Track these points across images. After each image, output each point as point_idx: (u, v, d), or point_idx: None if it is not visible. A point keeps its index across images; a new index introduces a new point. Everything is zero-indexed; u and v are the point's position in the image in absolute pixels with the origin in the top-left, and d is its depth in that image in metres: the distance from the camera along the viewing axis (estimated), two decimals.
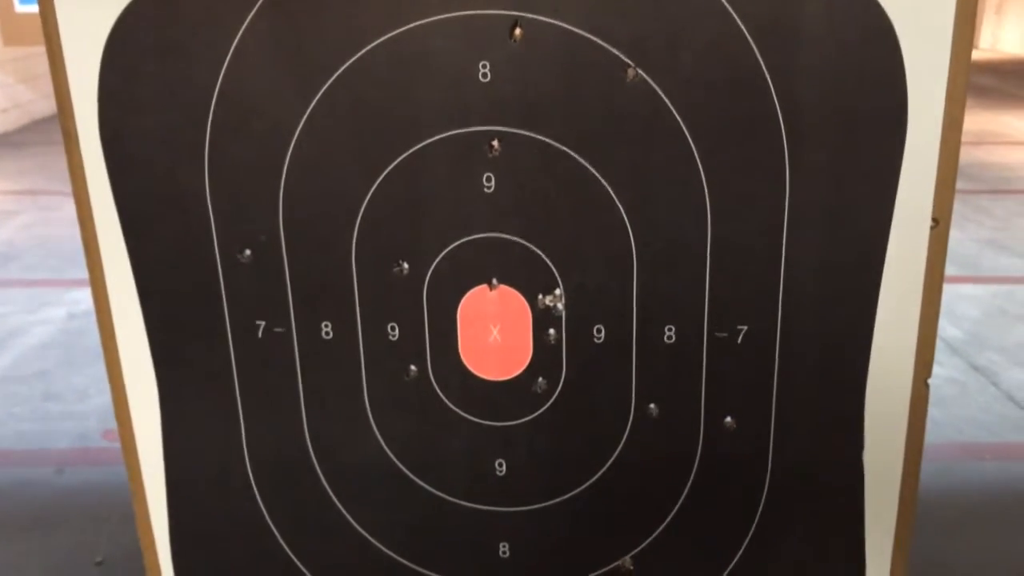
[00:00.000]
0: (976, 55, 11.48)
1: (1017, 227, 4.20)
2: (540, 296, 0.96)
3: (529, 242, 0.94)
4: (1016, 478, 2.14)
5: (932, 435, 2.36)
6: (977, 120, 6.91)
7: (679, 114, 0.88)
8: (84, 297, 3.07)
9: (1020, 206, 4.55)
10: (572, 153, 0.91)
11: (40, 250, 3.86)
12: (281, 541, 1.08)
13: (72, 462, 2.20)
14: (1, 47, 6.07)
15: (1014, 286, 3.44)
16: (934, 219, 0.89)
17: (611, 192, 0.91)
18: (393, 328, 0.99)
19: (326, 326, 0.99)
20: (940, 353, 2.78)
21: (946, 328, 3.03)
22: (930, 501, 2.00)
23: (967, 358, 2.83)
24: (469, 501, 1.05)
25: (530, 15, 0.87)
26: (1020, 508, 1.99)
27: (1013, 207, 4.53)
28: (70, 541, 1.82)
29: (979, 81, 9.14)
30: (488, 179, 0.92)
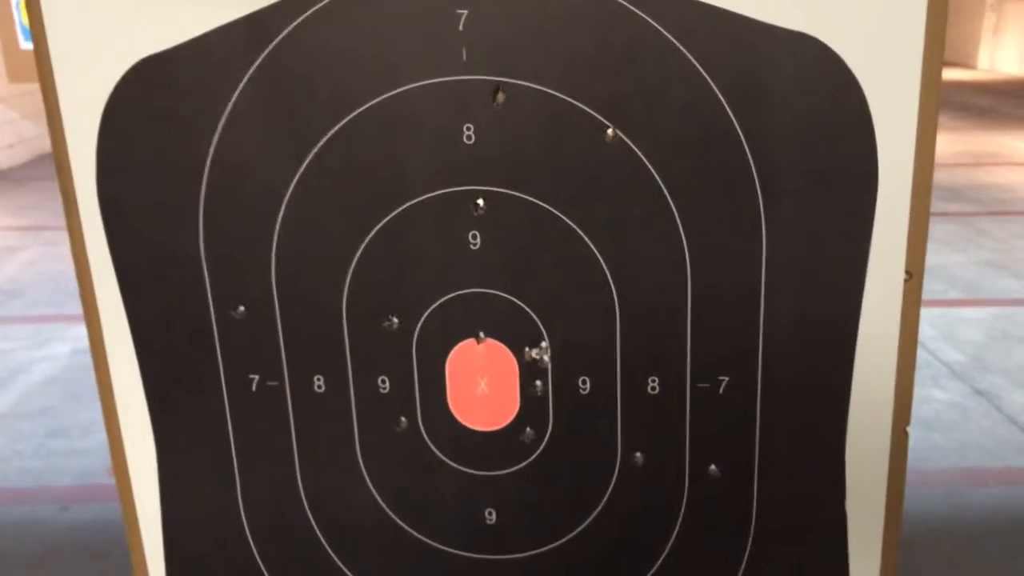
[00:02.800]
0: (973, 76, 11.53)
1: (1017, 249, 4.19)
2: (526, 349, 0.99)
3: (515, 297, 0.97)
4: (1020, 503, 2.13)
5: (935, 461, 2.36)
6: (975, 141, 6.92)
7: (657, 172, 0.91)
8: None
9: (1020, 227, 4.54)
10: (555, 211, 0.93)
11: (45, 286, 3.89)
12: None
13: (76, 499, 2.20)
14: (6, 83, 6.14)
15: (1016, 308, 3.43)
16: (907, 272, 0.92)
17: (593, 248, 0.94)
18: (383, 381, 1.01)
19: (318, 379, 1.01)
20: (942, 377, 2.78)
21: (948, 352, 3.02)
22: (934, 527, 2.00)
23: (969, 382, 2.81)
24: (460, 550, 1.06)
25: (512, 80, 0.90)
26: None
27: (1013, 228, 4.52)
28: None
29: (977, 102, 9.16)
30: (474, 236, 0.95)
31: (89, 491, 2.24)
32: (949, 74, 11.51)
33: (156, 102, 0.93)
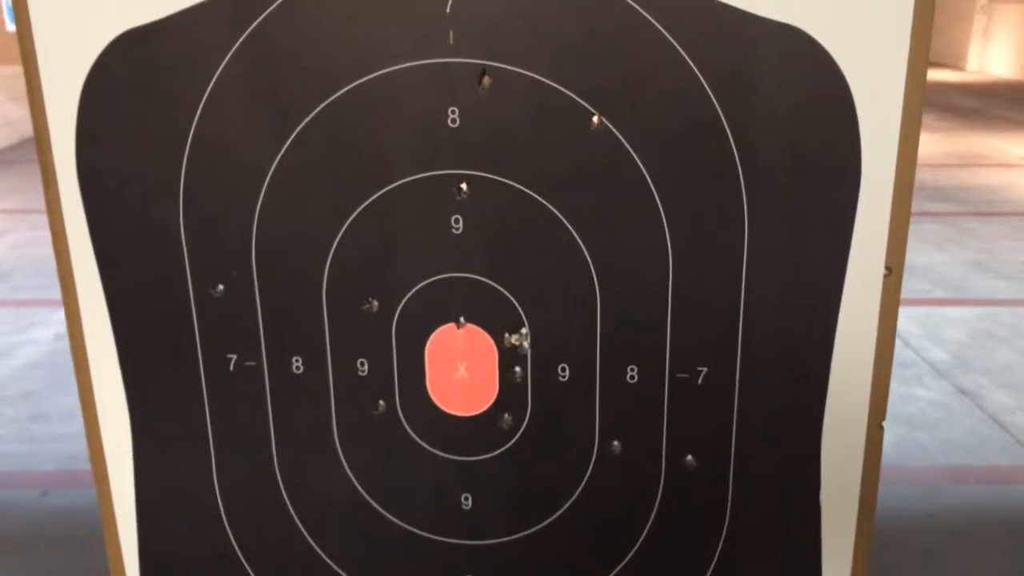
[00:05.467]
0: (963, 77, 11.59)
1: (1001, 249, 4.22)
2: (506, 335, 0.98)
3: (496, 282, 0.97)
4: (1001, 501, 2.15)
5: (917, 458, 2.39)
6: (963, 142, 6.96)
7: (641, 161, 0.91)
8: None
9: (1005, 228, 4.58)
10: (538, 197, 0.93)
11: (29, 269, 3.85)
12: (250, 571, 1.09)
13: (58, 484, 2.19)
14: None
15: (999, 308, 3.46)
16: (887, 268, 0.92)
17: (575, 235, 0.94)
18: (362, 364, 1.01)
19: (296, 360, 1.01)
20: (926, 376, 2.80)
21: (932, 351, 3.05)
22: (915, 524, 2.02)
23: (953, 381, 2.84)
24: (435, 534, 1.06)
25: (497, 64, 0.89)
26: (1005, 531, 1.99)
27: (998, 229, 4.56)
28: (55, 564, 1.81)
29: (965, 103, 9.20)
30: (456, 221, 0.95)
31: (71, 476, 2.22)
32: (938, 75, 11.56)
33: (138, 76, 0.92)
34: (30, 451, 2.35)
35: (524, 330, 0.98)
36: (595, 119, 0.90)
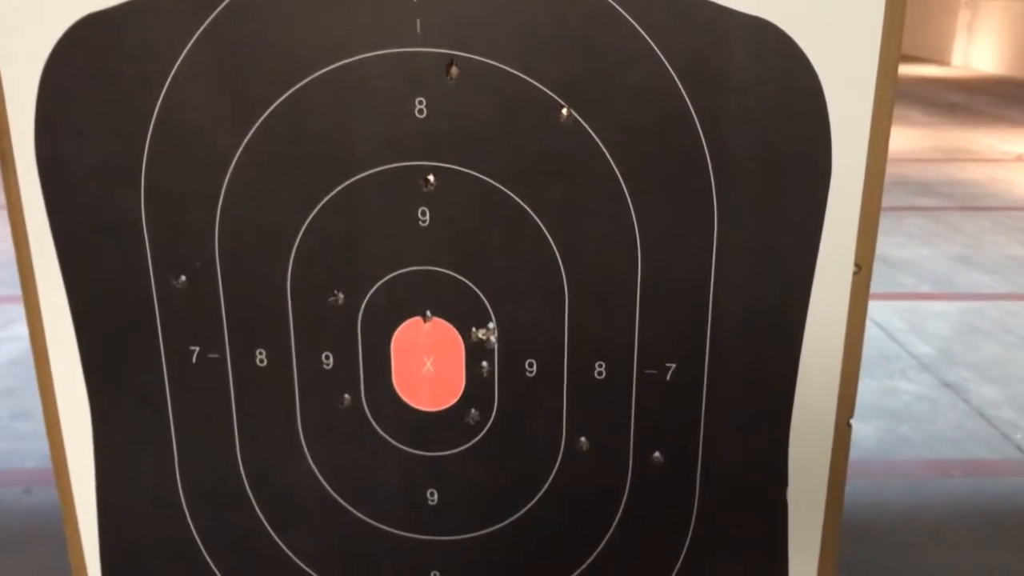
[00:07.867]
0: (947, 72, 11.65)
1: (987, 244, 4.25)
2: (473, 329, 0.97)
3: (463, 276, 0.95)
4: (984, 494, 2.16)
5: (901, 452, 2.39)
6: (947, 137, 6.99)
7: (610, 153, 0.90)
8: None
9: (990, 223, 4.60)
10: (506, 189, 0.92)
11: (7, 266, 3.80)
12: (213, 567, 1.08)
13: (40, 482, 2.17)
14: None
15: (984, 302, 3.47)
16: (857, 265, 0.91)
17: (544, 229, 0.93)
18: (327, 357, 0.99)
19: (260, 353, 0.99)
20: (911, 370, 2.81)
21: (917, 345, 3.06)
22: (898, 517, 2.02)
23: (938, 375, 2.85)
24: (401, 530, 1.05)
25: (466, 54, 0.88)
26: (988, 524, 2.00)
27: (983, 223, 4.58)
28: (38, 562, 1.79)
29: (950, 98, 9.25)
30: (423, 213, 0.93)
31: (53, 474, 2.21)
32: (923, 70, 11.62)
33: (98, 61, 0.90)
34: (12, 448, 2.33)
35: (491, 324, 0.97)
36: (564, 111, 0.89)
